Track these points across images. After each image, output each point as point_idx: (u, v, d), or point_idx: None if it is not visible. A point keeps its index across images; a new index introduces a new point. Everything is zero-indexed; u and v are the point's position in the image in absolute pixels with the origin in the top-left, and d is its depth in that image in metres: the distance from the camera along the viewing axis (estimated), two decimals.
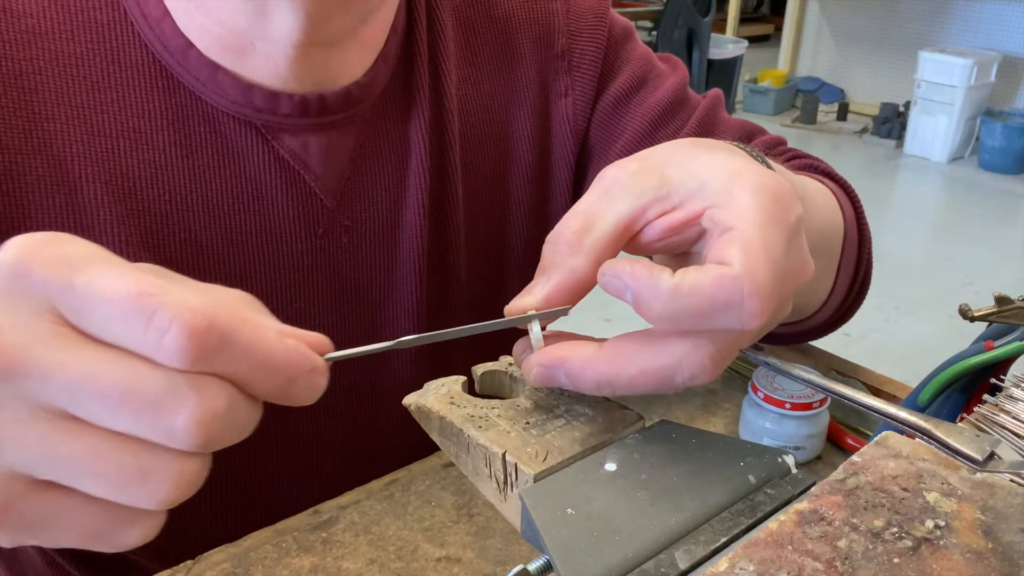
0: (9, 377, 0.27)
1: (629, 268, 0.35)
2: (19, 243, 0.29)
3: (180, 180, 0.55)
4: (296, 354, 0.30)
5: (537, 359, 0.38)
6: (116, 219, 0.53)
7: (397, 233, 0.63)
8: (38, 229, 0.51)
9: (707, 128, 0.72)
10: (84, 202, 0.53)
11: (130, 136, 0.53)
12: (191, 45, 0.53)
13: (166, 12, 0.53)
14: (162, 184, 0.55)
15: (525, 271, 0.72)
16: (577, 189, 0.72)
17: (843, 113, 5.35)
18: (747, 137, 0.74)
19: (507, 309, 0.40)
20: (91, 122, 0.53)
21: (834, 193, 0.64)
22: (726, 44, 5.11)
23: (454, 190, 0.65)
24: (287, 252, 0.59)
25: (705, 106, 0.72)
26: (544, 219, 0.71)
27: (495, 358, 0.46)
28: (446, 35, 0.64)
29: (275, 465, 0.64)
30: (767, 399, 0.64)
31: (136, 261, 0.30)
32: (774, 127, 5.25)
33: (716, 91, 0.76)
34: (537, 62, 0.68)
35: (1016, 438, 0.41)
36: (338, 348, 0.33)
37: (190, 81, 0.54)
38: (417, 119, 0.62)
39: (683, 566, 0.33)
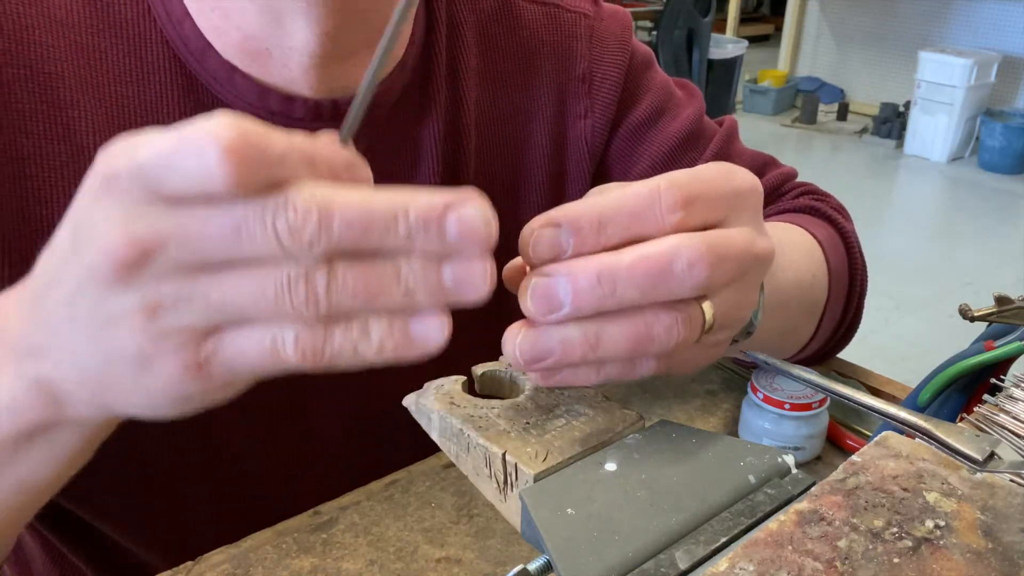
0: (153, 254, 0.30)
1: (556, 212, 0.37)
2: (103, 156, 0.31)
3: None
4: (327, 145, 0.32)
5: (535, 271, 0.37)
6: None
7: None
8: (59, 213, 0.52)
9: (723, 160, 0.72)
10: None
11: (149, 130, 0.54)
12: (210, 46, 0.54)
13: (187, 12, 0.54)
14: None
15: None
16: None
17: (843, 113, 5.36)
18: (760, 168, 0.76)
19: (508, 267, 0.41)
20: (113, 113, 0.53)
21: (822, 243, 0.65)
22: (726, 44, 5.11)
23: None
24: None
25: (721, 136, 0.74)
26: None
27: (495, 358, 0.46)
28: (468, 50, 0.65)
29: (275, 466, 0.64)
30: (766, 399, 0.64)
31: None
32: (774, 127, 5.25)
33: (731, 120, 0.77)
34: (557, 82, 0.69)
35: (1016, 438, 0.41)
36: None
37: (207, 80, 0.55)
38: (430, 127, 0.63)
39: (683, 566, 0.33)
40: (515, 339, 0.38)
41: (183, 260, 0.30)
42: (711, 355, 0.43)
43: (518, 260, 0.41)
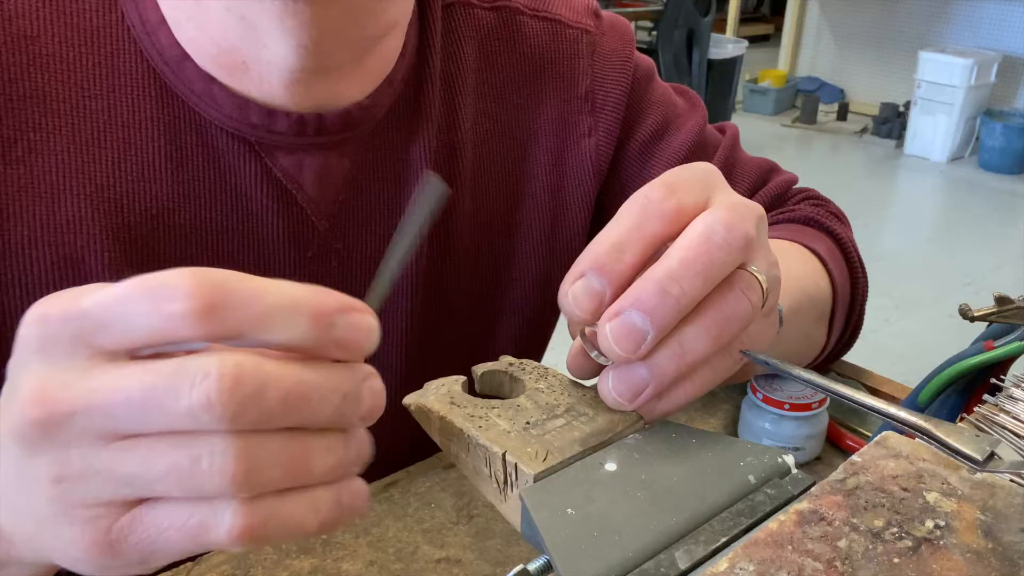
0: (61, 421, 0.29)
1: (575, 266, 0.39)
2: (37, 303, 0.30)
3: (168, 195, 0.53)
4: (311, 295, 0.29)
5: (603, 318, 0.38)
6: (99, 234, 0.52)
7: None
8: (17, 242, 0.51)
9: (727, 169, 0.73)
10: (66, 216, 0.51)
11: (119, 147, 0.52)
12: (187, 56, 0.52)
13: (164, 19, 0.52)
14: (149, 199, 0.53)
15: (527, 307, 0.71)
16: (595, 229, 0.72)
17: (843, 113, 5.36)
18: (764, 175, 0.76)
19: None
20: (79, 131, 0.51)
21: (823, 257, 0.65)
22: (726, 44, 5.10)
23: (459, 220, 0.64)
24: (275, 274, 0.58)
25: (725, 146, 0.74)
26: (553, 257, 0.71)
27: (495, 358, 0.46)
28: (465, 65, 0.63)
29: None
30: (766, 400, 0.64)
31: (119, 278, 0.29)
32: (774, 127, 5.25)
33: (733, 128, 0.77)
34: (559, 101, 0.68)
35: (1016, 438, 0.41)
36: None
37: (184, 92, 0.52)
38: (421, 144, 0.61)
39: (683, 566, 0.33)
40: (608, 383, 0.39)
41: (91, 428, 0.29)
42: (770, 332, 0.45)
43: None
